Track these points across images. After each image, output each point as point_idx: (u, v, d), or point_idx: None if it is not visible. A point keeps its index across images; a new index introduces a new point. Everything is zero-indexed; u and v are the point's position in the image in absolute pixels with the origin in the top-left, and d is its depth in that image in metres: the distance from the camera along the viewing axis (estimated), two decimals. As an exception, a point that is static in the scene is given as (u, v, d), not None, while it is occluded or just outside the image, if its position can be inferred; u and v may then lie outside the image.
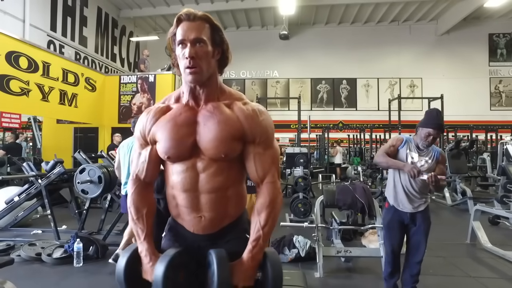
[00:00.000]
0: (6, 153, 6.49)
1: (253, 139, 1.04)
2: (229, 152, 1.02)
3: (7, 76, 4.98)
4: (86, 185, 3.84)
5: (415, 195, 2.35)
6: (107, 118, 7.42)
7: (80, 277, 3.03)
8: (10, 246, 3.63)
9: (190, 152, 1.03)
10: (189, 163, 1.04)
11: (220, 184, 1.05)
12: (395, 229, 2.45)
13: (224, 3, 11.58)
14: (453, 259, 3.49)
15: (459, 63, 13.75)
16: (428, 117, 2.36)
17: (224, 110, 1.04)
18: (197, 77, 1.00)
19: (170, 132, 1.03)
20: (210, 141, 1.01)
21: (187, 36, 0.98)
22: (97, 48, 11.13)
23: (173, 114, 1.06)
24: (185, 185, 1.04)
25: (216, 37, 1.03)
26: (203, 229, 1.09)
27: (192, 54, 0.97)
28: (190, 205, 1.06)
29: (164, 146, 1.04)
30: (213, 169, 1.03)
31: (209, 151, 1.02)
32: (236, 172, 1.08)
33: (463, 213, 5.77)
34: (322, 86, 14.33)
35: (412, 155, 2.37)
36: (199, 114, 1.04)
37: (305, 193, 5.08)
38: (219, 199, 1.06)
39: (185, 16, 1.00)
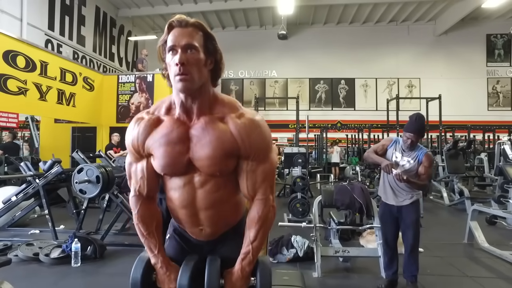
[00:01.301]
0: (3, 152, 6.46)
1: (247, 156, 1.01)
2: (223, 170, 1.00)
3: (5, 75, 4.97)
4: (84, 185, 3.82)
5: (399, 190, 2.62)
6: (105, 118, 7.41)
7: (78, 277, 3.03)
8: (8, 246, 3.61)
9: (186, 169, 1.01)
10: (186, 179, 1.03)
11: (218, 199, 1.05)
12: (387, 222, 2.73)
13: (222, 2, 11.57)
14: (451, 259, 3.50)
15: (457, 64, 13.81)
16: (409, 122, 2.61)
17: (217, 126, 0.99)
18: (188, 85, 0.93)
19: (165, 149, 1.00)
20: (203, 160, 0.98)
21: (178, 41, 0.93)
22: (95, 47, 11.10)
23: (164, 130, 1.01)
24: (183, 201, 1.05)
25: (209, 45, 0.98)
26: (205, 237, 1.13)
27: (182, 60, 0.91)
28: (189, 220, 1.09)
29: (160, 164, 1.01)
30: (210, 184, 1.02)
31: (204, 169, 1.00)
32: (233, 185, 1.07)
33: (461, 213, 5.79)
34: (321, 86, 14.35)
35: (396, 155, 2.65)
36: (191, 130, 1.00)
37: (303, 193, 5.08)
38: (218, 214, 1.08)
39: (177, 23, 0.95)
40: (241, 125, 0.99)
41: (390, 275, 2.77)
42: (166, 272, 1.08)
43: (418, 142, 2.61)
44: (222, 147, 0.98)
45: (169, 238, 1.21)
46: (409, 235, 2.61)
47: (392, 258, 2.75)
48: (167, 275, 1.07)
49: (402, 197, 2.61)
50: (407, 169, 2.58)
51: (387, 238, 2.73)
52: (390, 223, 2.70)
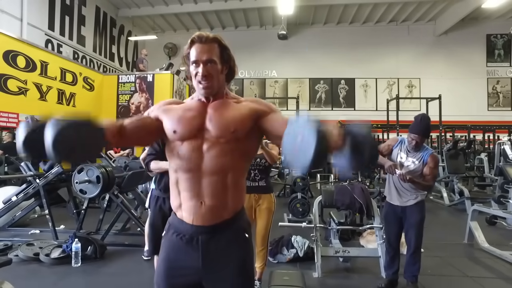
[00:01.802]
0: (3, 152, 6.45)
1: (266, 112, 1.16)
2: (239, 127, 1.11)
3: (5, 75, 4.98)
4: (85, 185, 3.82)
5: (404, 190, 2.62)
6: (106, 118, 7.40)
7: (78, 277, 3.03)
8: (8, 246, 3.62)
9: (196, 132, 1.12)
10: (195, 143, 1.12)
11: (223, 165, 1.11)
12: (390, 222, 2.72)
13: (223, 2, 11.56)
14: (451, 259, 3.51)
15: (457, 64, 13.80)
16: (414, 123, 2.62)
17: (232, 103, 1.19)
18: (209, 92, 1.16)
19: (178, 112, 1.16)
20: (220, 119, 1.13)
21: (200, 57, 1.13)
22: (95, 47, 11.09)
23: (184, 106, 1.21)
24: (189, 163, 1.12)
25: (224, 55, 1.17)
26: (203, 218, 1.11)
27: (205, 73, 1.12)
28: (191, 188, 1.12)
29: (172, 121, 1.14)
30: (217, 150, 1.11)
31: (218, 127, 1.11)
32: (238, 157, 1.14)
33: (461, 213, 5.79)
34: (321, 86, 14.34)
35: (401, 155, 2.65)
36: (208, 107, 1.17)
37: (303, 193, 5.09)
38: (220, 183, 1.12)
39: (198, 39, 1.14)
40: (252, 99, 1.22)
41: (390, 275, 2.78)
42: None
43: (423, 143, 2.61)
44: (240, 110, 1.15)
45: (164, 235, 1.21)
46: (412, 235, 2.61)
47: (393, 257, 2.76)
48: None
49: (406, 198, 2.61)
50: (411, 170, 2.58)
51: (390, 238, 2.74)
52: (393, 223, 2.71)
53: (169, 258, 1.15)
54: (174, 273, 1.13)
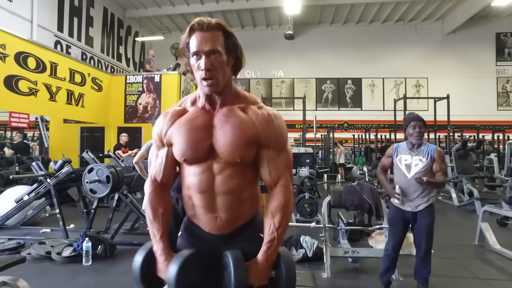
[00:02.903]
0: (15, 152, 6.55)
1: (268, 144, 1.05)
2: (244, 157, 1.04)
3: (16, 76, 5.04)
4: (95, 184, 3.86)
5: (415, 195, 2.52)
6: (113, 118, 7.47)
7: (89, 276, 3.06)
8: (21, 244, 3.67)
9: (206, 155, 1.04)
10: (205, 166, 1.05)
11: (236, 186, 1.07)
12: (397, 227, 2.61)
13: (229, 3, 11.60)
14: (462, 261, 3.47)
15: (466, 63, 13.65)
16: (406, 118, 2.63)
17: (239, 114, 1.05)
18: (214, 88, 1.01)
19: (186, 135, 1.04)
20: (225, 146, 1.02)
21: (201, 47, 0.98)
22: (103, 48, 11.20)
23: (189, 117, 1.07)
24: (201, 186, 1.06)
25: (229, 43, 1.03)
26: (219, 229, 1.11)
27: (208, 66, 0.97)
28: (206, 206, 1.08)
29: (180, 149, 1.05)
30: (228, 171, 1.05)
31: (225, 155, 1.03)
32: (251, 175, 1.10)
33: (470, 214, 5.72)
34: (327, 86, 14.30)
35: (404, 158, 2.57)
36: (215, 118, 1.06)
37: (311, 193, 5.07)
38: (235, 200, 1.08)
39: (198, 26, 0.99)
40: (261, 115, 1.06)
41: (386, 280, 2.70)
42: (165, 262, 1.06)
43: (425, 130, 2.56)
44: (244, 134, 1.03)
45: (180, 236, 1.20)
46: (423, 239, 2.54)
47: (394, 262, 2.67)
48: (165, 264, 1.06)
49: (418, 202, 2.52)
50: (421, 168, 2.49)
51: (395, 243, 2.63)
52: (400, 229, 2.61)
53: None
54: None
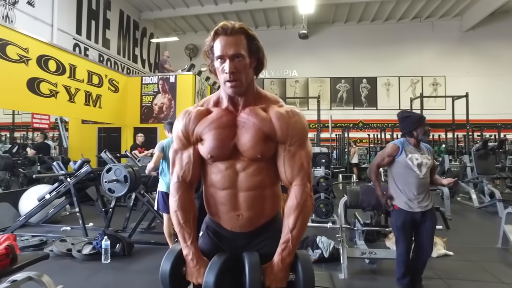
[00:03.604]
0: (36, 152, 6.75)
1: (284, 140, 1.07)
2: (264, 152, 1.06)
3: (38, 78, 5.19)
4: (113, 184, 3.95)
5: (424, 195, 2.49)
6: (129, 118, 7.60)
7: (108, 274, 3.13)
8: (43, 241, 3.80)
9: (230, 153, 1.08)
10: (228, 163, 1.08)
11: (258, 182, 1.09)
12: (408, 231, 2.53)
13: (243, 3, 11.62)
14: (484, 264, 3.37)
15: (485, 60, 13.24)
16: (412, 118, 2.56)
17: (259, 112, 1.08)
18: (237, 90, 1.05)
19: (214, 133, 1.07)
20: (247, 143, 1.06)
21: (225, 52, 1.01)
22: (119, 50, 11.40)
23: (214, 117, 1.10)
24: (225, 183, 1.09)
25: (252, 46, 1.06)
26: (240, 227, 1.12)
27: (232, 69, 1.01)
28: (228, 203, 1.10)
29: (209, 146, 1.07)
30: (251, 168, 1.07)
31: (247, 152, 1.06)
32: (273, 172, 1.12)
33: (492, 216, 5.56)
34: (342, 85, 14.15)
35: (415, 157, 2.51)
36: (238, 118, 1.09)
37: (326, 193, 5.03)
38: (257, 197, 1.09)
39: (222, 31, 1.02)
40: (280, 113, 1.08)
41: (405, 284, 2.62)
42: (196, 266, 1.08)
43: None
44: (263, 130, 1.06)
45: (202, 236, 1.21)
46: (430, 239, 2.52)
47: (409, 267, 2.60)
48: (196, 268, 1.07)
49: (426, 201, 2.49)
50: (429, 166, 2.51)
51: (408, 247, 2.56)
52: (410, 231, 2.54)
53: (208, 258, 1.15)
54: None
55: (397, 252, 2.61)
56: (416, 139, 2.54)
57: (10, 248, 1.95)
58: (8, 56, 4.70)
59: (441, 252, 3.55)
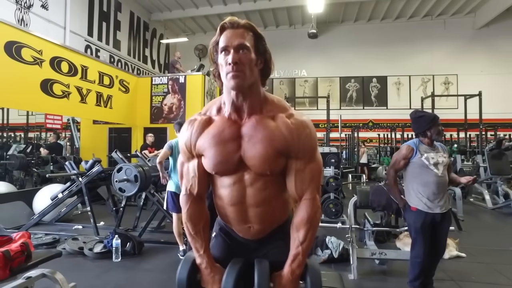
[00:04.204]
0: (49, 152, 6.89)
1: (296, 155, 1.03)
2: (274, 169, 1.03)
3: (51, 80, 5.30)
4: (123, 183, 4.00)
5: (443, 194, 2.45)
6: (140, 119, 7.69)
7: (119, 272, 3.17)
8: (56, 239, 3.88)
9: (236, 167, 1.04)
10: (236, 177, 1.05)
11: (267, 197, 1.07)
12: (426, 232, 2.47)
13: (252, 3, 11.64)
14: (498, 266, 3.29)
15: (500, 58, 12.95)
16: (426, 118, 2.52)
17: (268, 124, 1.02)
18: (240, 82, 0.97)
19: (216, 148, 1.03)
20: (255, 158, 1.01)
21: (230, 42, 0.97)
22: (130, 51, 11.55)
23: (216, 130, 1.04)
24: (233, 199, 1.07)
25: (259, 46, 1.02)
26: (252, 236, 1.14)
27: (236, 59, 0.95)
28: (238, 217, 1.10)
29: (211, 163, 1.04)
30: (260, 183, 1.04)
31: (255, 167, 1.02)
32: (282, 184, 1.09)
33: (507, 217, 5.44)
34: (351, 85, 14.03)
35: (432, 156, 2.46)
36: (242, 128, 1.03)
37: (336, 193, 5.00)
38: (267, 211, 1.09)
39: (229, 24, 1.00)
40: (291, 125, 1.03)
41: (417, 286, 2.56)
42: (211, 273, 1.09)
43: None
44: (273, 146, 1.00)
45: (215, 237, 1.22)
46: (444, 241, 2.49)
47: (425, 269, 2.53)
48: (211, 276, 1.09)
49: (443, 200, 2.44)
50: (445, 164, 2.48)
51: (425, 250, 2.47)
52: (428, 233, 2.47)
53: (219, 259, 1.16)
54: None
55: (413, 254, 2.54)
56: (430, 139, 2.50)
57: (25, 246, 2.00)
58: (23, 58, 4.81)
59: (453, 253, 3.50)
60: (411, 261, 2.57)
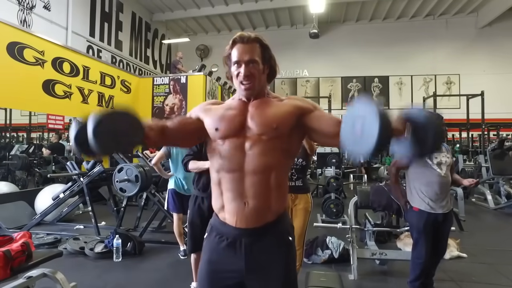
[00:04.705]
0: (51, 152, 6.92)
1: (310, 110, 1.15)
2: (281, 124, 1.11)
3: (53, 80, 5.33)
4: (124, 183, 4.01)
5: (446, 194, 2.40)
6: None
7: (119, 272, 3.18)
8: (57, 239, 3.90)
9: (238, 129, 1.13)
10: (237, 142, 1.12)
11: (266, 164, 1.10)
12: (430, 232, 2.42)
13: (253, 3, 11.63)
14: (499, 267, 3.28)
15: (503, 57, 12.87)
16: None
17: (273, 101, 1.19)
18: (251, 92, 1.16)
19: (220, 111, 1.18)
20: (262, 115, 1.13)
21: (242, 57, 1.12)
22: (131, 51, 11.57)
23: (224, 105, 1.22)
24: (232, 163, 1.11)
25: (265, 55, 1.17)
26: (246, 220, 1.11)
27: (247, 73, 1.12)
28: (234, 189, 1.11)
29: (214, 119, 1.16)
30: (259, 148, 1.10)
31: (261, 123, 1.11)
32: (281, 155, 1.14)
33: (509, 217, 5.42)
34: (353, 85, 14.00)
35: (435, 156, 2.40)
36: (250, 104, 1.18)
37: (337, 193, 5.00)
38: (264, 183, 1.11)
39: (240, 39, 1.14)
40: (295, 97, 1.22)
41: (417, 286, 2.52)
42: None
43: None
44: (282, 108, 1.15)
45: (206, 238, 1.21)
46: (446, 241, 2.47)
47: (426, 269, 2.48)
48: None
49: (446, 201, 2.40)
50: (448, 164, 2.43)
51: (428, 251, 2.43)
52: (431, 234, 2.43)
53: (211, 260, 1.15)
54: (217, 276, 1.14)
55: (415, 255, 2.51)
56: None
57: (25, 245, 2.02)
58: (25, 59, 4.84)
59: (454, 253, 3.49)
60: (412, 261, 2.54)
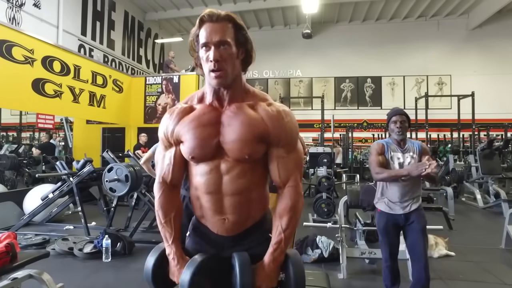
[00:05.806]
0: (41, 152, 6.84)
1: (277, 142, 1.03)
2: (252, 153, 1.01)
3: (43, 79, 5.26)
4: (114, 183, 3.98)
5: (404, 194, 2.24)
6: (133, 119, 7.66)
7: (109, 272, 3.16)
8: (46, 240, 3.85)
9: (214, 153, 1.02)
10: (212, 164, 1.03)
11: (244, 186, 1.04)
12: (390, 234, 2.33)
13: (247, 3, 11.64)
14: (486, 265, 3.33)
15: (492, 58, 13.06)
16: (388, 113, 2.39)
17: (248, 111, 1.02)
18: (222, 81, 0.98)
19: (194, 132, 1.02)
20: (233, 142, 1.00)
21: (210, 38, 0.96)
22: (124, 50, 11.50)
23: (196, 114, 1.05)
24: (209, 186, 1.04)
25: (240, 36, 1.00)
26: (227, 231, 1.09)
27: (216, 57, 0.95)
28: (213, 207, 1.06)
29: (189, 146, 1.02)
30: (236, 170, 1.02)
31: (233, 152, 1.00)
32: (259, 174, 1.07)
33: (496, 216, 5.49)
34: (346, 85, 14.08)
35: (397, 156, 2.30)
36: (222, 115, 1.03)
37: (328, 193, 5.02)
38: (243, 201, 1.06)
39: (208, 17, 0.97)
40: (271, 113, 1.03)
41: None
42: (177, 265, 1.07)
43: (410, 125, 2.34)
44: (253, 131, 1.00)
45: (188, 236, 1.19)
46: (421, 244, 2.22)
47: (396, 273, 2.41)
48: (177, 268, 1.06)
49: (408, 202, 2.26)
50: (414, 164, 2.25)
51: (393, 251, 2.36)
52: (394, 234, 2.33)
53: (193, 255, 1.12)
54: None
55: (382, 259, 2.43)
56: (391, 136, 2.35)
57: (10, 246, 1.98)
58: (14, 57, 4.78)
59: (442, 252, 3.53)
60: (382, 267, 2.46)
